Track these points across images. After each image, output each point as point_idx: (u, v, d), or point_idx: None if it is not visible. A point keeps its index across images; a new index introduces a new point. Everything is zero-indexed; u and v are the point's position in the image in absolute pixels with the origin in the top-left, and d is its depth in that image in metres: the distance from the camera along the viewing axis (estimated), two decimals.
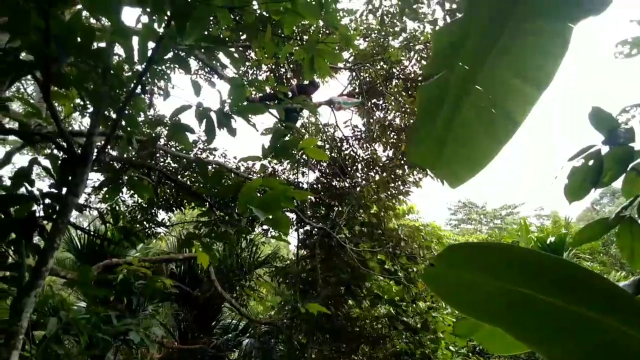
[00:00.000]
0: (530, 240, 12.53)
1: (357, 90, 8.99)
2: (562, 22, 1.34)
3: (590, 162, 2.19)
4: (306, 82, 8.21)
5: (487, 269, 1.10)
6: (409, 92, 8.36)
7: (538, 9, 1.36)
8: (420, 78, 8.20)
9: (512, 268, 1.10)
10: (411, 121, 8.28)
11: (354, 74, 8.92)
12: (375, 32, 8.37)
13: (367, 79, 8.72)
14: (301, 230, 9.26)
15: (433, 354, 8.19)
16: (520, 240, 13.11)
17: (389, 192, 8.78)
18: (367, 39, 8.54)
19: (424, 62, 8.37)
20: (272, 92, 7.32)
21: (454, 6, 6.80)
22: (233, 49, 3.88)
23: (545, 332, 1.11)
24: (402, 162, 8.47)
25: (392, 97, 8.44)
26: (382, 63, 8.45)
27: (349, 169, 8.92)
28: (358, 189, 8.58)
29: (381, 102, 8.85)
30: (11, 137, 4.58)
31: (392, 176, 8.66)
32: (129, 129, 3.83)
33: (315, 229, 8.85)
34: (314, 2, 3.75)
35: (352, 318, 7.93)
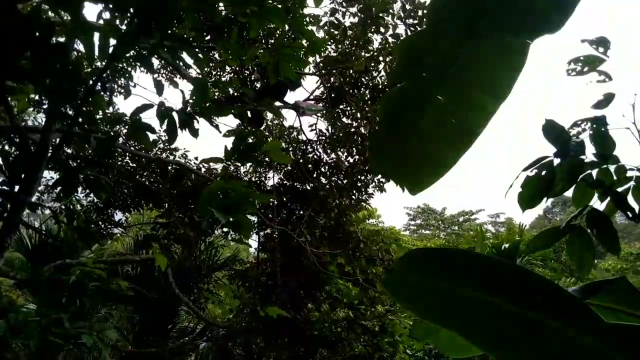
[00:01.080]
0: (485, 247, 12.88)
1: (324, 96, 9.03)
2: (521, 39, 1.40)
3: (543, 173, 2.29)
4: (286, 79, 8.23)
5: (445, 274, 1.14)
6: (375, 102, 8.47)
7: (498, 25, 1.42)
8: (387, 89, 8.32)
9: (469, 274, 1.14)
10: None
11: (322, 79, 8.96)
12: (340, 42, 8.44)
13: (335, 85, 8.78)
14: (262, 233, 9.23)
15: (391, 358, 8.30)
16: (476, 246, 13.47)
17: (350, 198, 8.87)
18: (332, 46, 8.60)
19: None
20: (236, 94, 7.27)
21: (415, 21, 6.99)
22: (197, 50, 3.84)
23: (499, 337, 1.15)
24: (365, 168, 8.57)
25: (357, 105, 8.53)
26: (350, 71, 8.53)
27: (313, 172, 8.95)
28: (321, 192, 8.62)
29: (348, 108, 8.93)
30: None
31: (355, 181, 8.74)
32: (86, 126, 3.73)
33: (276, 232, 8.84)
34: (280, 7, 3.76)
35: (311, 321, 7.94)
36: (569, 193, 2.40)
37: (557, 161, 2.26)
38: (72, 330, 4.36)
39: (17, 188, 3.04)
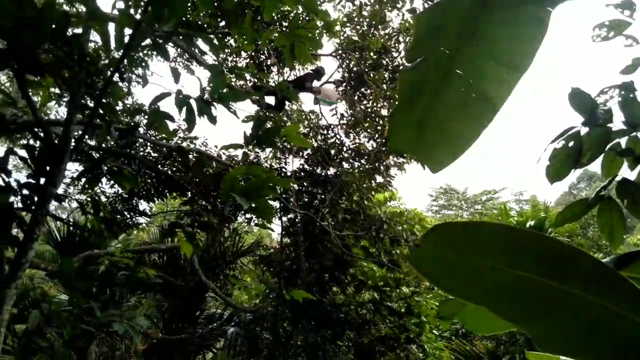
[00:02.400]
0: (510, 225, 12.73)
1: (344, 78, 8.97)
2: (540, 6, 1.35)
3: (571, 144, 2.22)
4: (312, 70, 8.31)
5: (473, 248, 1.11)
6: (396, 83, 8.37)
7: None
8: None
9: (498, 246, 1.10)
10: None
11: (340, 61, 8.89)
12: (356, 20, 8.35)
13: (355, 69, 8.70)
14: (285, 218, 9.27)
15: (417, 338, 8.32)
16: None
17: (372, 181, 8.83)
18: (349, 27, 8.50)
19: None
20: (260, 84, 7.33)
21: None
22: (212, 36, 3.82)
23: (531, 310, 1.13)
24: (385, 149, 8.51)
25: (376, 85, 8.45)
26: (370, 53, 8.44)
27: (334, 157, 8.92)
28: (342, 177, 8.60)
29: (368, 91, 8.85)
30: None
31: (377, 164, 8.69)
32: (107, 117, 3.76)
33: (299, 217, 8.87)
34: None
35: (336, 304, 7.99)
36: (594, 167, 2.33)
37: (584, 131, 2.19)
38: (103, 319, 4.46)
39: (42, 181, 3.09)
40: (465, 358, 11.07)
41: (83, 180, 4.03)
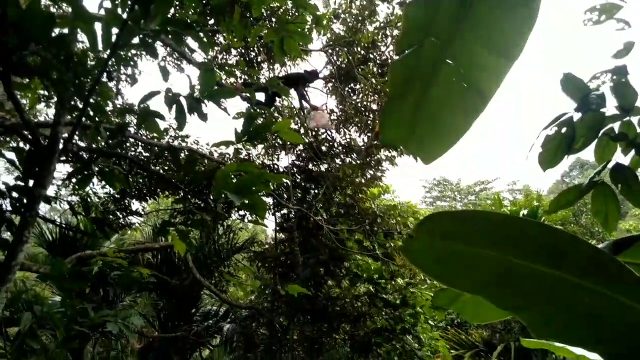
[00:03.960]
0: (503, 213, 12.77)
1: (333, 73, 8.94)
2: None
3: (563, 130, 2.22)
4: (306, 70, 8.27)
5: (468, 237, 1.09)
6: (385, 77, 8.36)
7: None
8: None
9: (493, 235, 1.09)
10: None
11: (329, 58, 8.86)
12: (346, 14, 8.32)
13: (343, 64, 8.67)
14: (278, 214, 9.26)
15: (413, 328, 8.36)
16: None
17: (364, 176, 8.83)
18: (338, 21, 8.47)
19: None
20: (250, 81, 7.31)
21: None
22: (201, 33, 3.79)
23: (526, 297, 1.12)
24: (376, 142, 8.51)
25: (365, 80, 8.44)
26: (358, 48, 8.42)
27: (326, 153, 8.92)
28: (334, 172, 8.60)
29: (357, 86, 8.84)
30: None
31: (368, 159, 8.70)
32: (96, 117, 3.72)
33: (293, 212, 8.87)
34: None
35: (332, 298, 8.01)
36: (586, 155, 2.33)
37: (577, 117, 2.18)
38: (97, 319, 4.44)
39: (31, 183, 3.06)
40: (461, 347, 11.16)
41: (74, 181, 4.00)
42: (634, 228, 16.75)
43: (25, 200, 3.07)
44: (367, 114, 8.73)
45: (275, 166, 9.11)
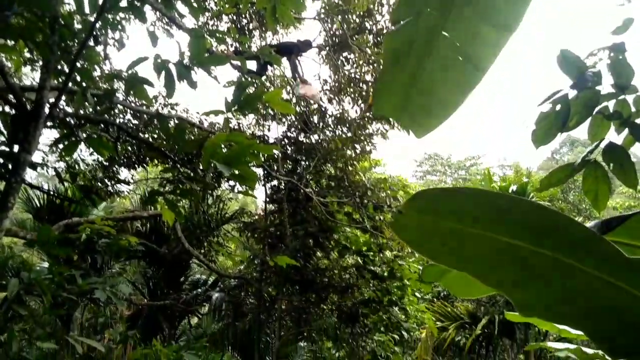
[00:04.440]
0: (493, 190, 12.86)
1: (326, 42, 8.79)
2: None
3: (558, 107, 2.20)
4: (299, 40, 8.13)
5: (457, 214, 1.08)
6: (380, 47, 8.22)
7: None
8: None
9: (480, 212, 1.08)
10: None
11: (323, 25, 8.69)
12: None
13: (338, 32, 8.51)
14: (268, 185, 9.24)
15: (399, 300, 8.49)
16: None
17: (355, 149, 8.78)
18: None
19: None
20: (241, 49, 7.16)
21: None
22: None
23: (513, 275, 1.12)
24: (369, 115, 8.44)
25: (360, 50, 8.30)
26: (353, 16, 8.25)
27: (317, 123, 8.84)
28: (324, 144, 8.55)
29: (352, 56, 8.70)
30: None
31: (359, 132, 8.63)
32: (83, 83, 3.64)
33: (283, 184, 8.84)
34: None
35: (320, 269, 8.07)
36: (577, 133, 2.32)
37: (572, 94, 2.16)
38: (85, 286, 4.44)
39: (16, 148, 3.00)
40: (446, 319, 11.39)
41: (61, 147, 3.93)
42: (621, 206, 16.96)
43: (10, 166, 3.01)
44: (361, 84, 8.62)
45: (266, 137, 9.03)
